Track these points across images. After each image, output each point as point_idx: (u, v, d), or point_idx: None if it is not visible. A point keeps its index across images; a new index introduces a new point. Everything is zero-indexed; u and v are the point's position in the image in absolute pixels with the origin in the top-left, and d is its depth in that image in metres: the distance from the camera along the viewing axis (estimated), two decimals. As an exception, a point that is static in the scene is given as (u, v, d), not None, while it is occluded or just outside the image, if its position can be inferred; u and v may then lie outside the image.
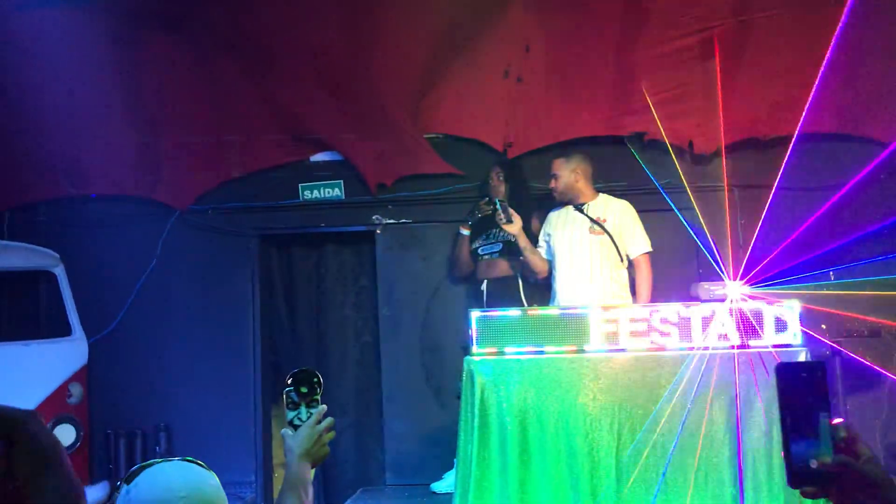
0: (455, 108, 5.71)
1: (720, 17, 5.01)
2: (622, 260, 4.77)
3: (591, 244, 4.76)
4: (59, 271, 5.62)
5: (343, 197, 5.99)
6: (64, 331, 5.59)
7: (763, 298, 4.06)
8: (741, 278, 4.24)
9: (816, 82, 4.88)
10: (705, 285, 4.32)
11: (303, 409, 1.96)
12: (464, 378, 4.05)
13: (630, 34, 5.13)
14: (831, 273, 5.17)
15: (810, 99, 4.99)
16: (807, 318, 4.07)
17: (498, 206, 4.77)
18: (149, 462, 1.72)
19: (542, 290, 5.12)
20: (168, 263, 5.95)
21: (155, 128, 5.81)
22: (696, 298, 4.21)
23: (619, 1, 5.04)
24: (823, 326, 5.29)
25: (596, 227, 4.77)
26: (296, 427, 1.96)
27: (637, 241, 4.78)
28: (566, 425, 3.90)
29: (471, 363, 4.02)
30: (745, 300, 4.04)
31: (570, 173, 4.84)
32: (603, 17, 5.14)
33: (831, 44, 4.72)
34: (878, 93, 5.30)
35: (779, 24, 5.04)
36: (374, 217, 5.99)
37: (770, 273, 4.34)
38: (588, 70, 5.35)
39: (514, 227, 4.74)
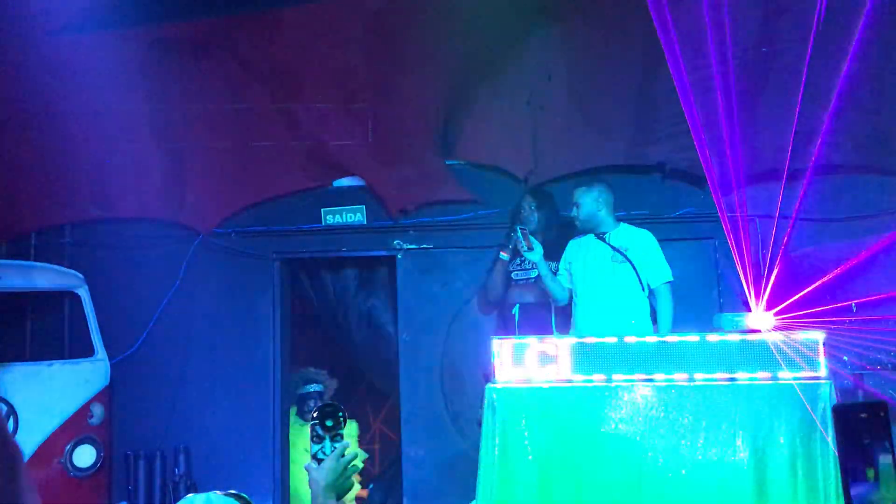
0: (477, 136, 5.77)
1: (742, 47, 5.04)
2: (643, 289, 4.76)
3: (613, 273, 4.77)
4: (83, 292, 5.68)
5: (365, 222, 6.04)
6: (87, 351, 5.63)
7: (787, 329, 4.05)
8: (764, 309, 4.24)
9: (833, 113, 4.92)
10: (728, 316, 4.32)
11: (327, 442, 1.98)
12: (485, 406, 4.05)
13: (652, 64, 5.17)
14: (853, 304, 5.15)
15: (828, 130, 5.03)
16: (830, 350, 4.05)
17: (518, 234, 4.78)
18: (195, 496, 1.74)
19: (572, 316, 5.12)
20: (191, 286, 6.00)
21: (180, 151, 5.89)
22: (719, 329, 4.20)
23: (640, 31, 5.08)
24: (845, 358, 5.26)
25: (617, 255, 4.78)
26: (320, 461, 1.97)
27: (658, 270, 4.78)
28: (588, 455, 3.88)
29: (492, 391, 4.02)
30: (769, 331, 4.03)
31: (592, 202, 4.86)
32: (625, 48, 5.18)
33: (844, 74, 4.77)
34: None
35: (800, 56, 5.06)
36: (394, 242, 6.02)
37: (793, 304, 4.33)
38: (610, 99, 5.39)
39: (535, 255, 4.76)
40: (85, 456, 5.34)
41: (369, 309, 6.45)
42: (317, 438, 1.99)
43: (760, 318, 4.19)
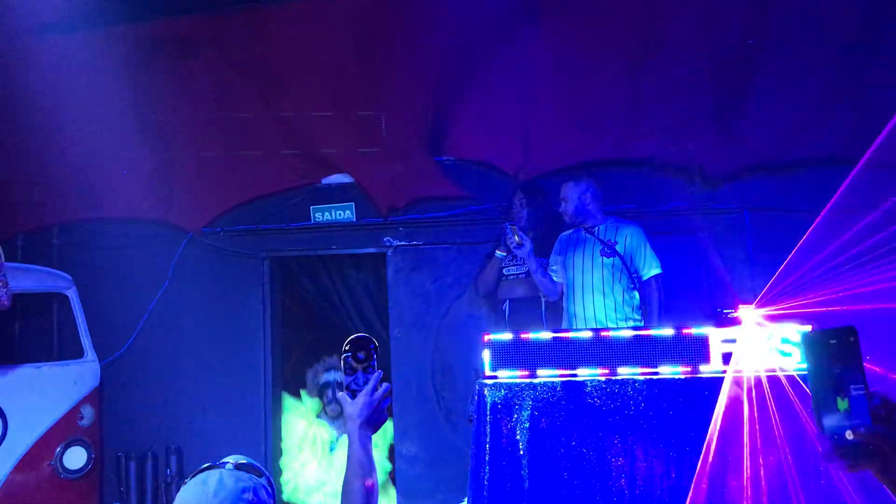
0: (466, 132, 5.75)
1: (730, 41, 5.04)
2: (633, 282, 4.77)
3: (602, 267, 4.76)
4: (72, 293, 5.64)
5: (354, 219, 6.02)
6: (76, 353, 5.60)
7: (774, 321, 4.05)
8: (753, 302, 4.23)
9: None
10: (717, 309, 4.32)
11: (360, 374, 2.03)
12: (476, 401, 4.03)
13: (641, 58, 5.17)
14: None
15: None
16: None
17: (507, 230, 4.78)
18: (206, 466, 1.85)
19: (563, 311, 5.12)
20: (180, 285, 5.98)
21: (168, 151, 5.86)
22: (711, 321, 4.19)
23: (630, 25, 5.08)
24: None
25: (606, 249, 4.77)
26: (354, 392, 2.01)
27: (647, 263, 4.78)
28: (581, 450, 3.88)
29: (483, 386, 4.01)
30: (758, 324, 4.03)
31: (579, 197, 4.86)
32: (614, 42, 5.17)
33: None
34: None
35: (788, 49, 5.07)
36: (385, 239, 6.01)
37: (781, 296, 4.33)
38: (599, 94, 5.39)
39: (524, 251, 4.76)
40: (76, 458, 5.31)
41: (359, 306, 6.43)
42: (349, 370, 2.03)
43: (750, 311, 4.19)
